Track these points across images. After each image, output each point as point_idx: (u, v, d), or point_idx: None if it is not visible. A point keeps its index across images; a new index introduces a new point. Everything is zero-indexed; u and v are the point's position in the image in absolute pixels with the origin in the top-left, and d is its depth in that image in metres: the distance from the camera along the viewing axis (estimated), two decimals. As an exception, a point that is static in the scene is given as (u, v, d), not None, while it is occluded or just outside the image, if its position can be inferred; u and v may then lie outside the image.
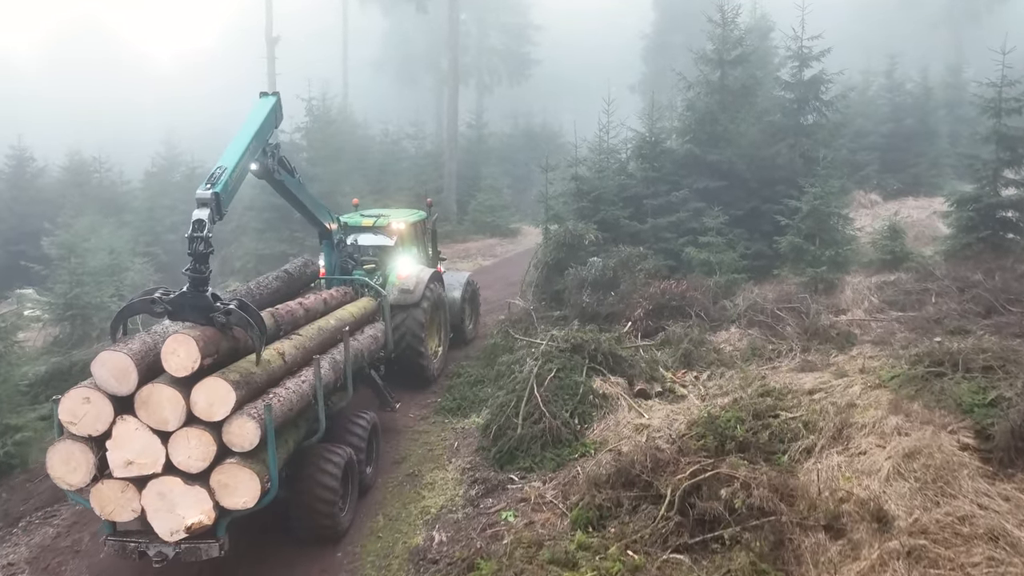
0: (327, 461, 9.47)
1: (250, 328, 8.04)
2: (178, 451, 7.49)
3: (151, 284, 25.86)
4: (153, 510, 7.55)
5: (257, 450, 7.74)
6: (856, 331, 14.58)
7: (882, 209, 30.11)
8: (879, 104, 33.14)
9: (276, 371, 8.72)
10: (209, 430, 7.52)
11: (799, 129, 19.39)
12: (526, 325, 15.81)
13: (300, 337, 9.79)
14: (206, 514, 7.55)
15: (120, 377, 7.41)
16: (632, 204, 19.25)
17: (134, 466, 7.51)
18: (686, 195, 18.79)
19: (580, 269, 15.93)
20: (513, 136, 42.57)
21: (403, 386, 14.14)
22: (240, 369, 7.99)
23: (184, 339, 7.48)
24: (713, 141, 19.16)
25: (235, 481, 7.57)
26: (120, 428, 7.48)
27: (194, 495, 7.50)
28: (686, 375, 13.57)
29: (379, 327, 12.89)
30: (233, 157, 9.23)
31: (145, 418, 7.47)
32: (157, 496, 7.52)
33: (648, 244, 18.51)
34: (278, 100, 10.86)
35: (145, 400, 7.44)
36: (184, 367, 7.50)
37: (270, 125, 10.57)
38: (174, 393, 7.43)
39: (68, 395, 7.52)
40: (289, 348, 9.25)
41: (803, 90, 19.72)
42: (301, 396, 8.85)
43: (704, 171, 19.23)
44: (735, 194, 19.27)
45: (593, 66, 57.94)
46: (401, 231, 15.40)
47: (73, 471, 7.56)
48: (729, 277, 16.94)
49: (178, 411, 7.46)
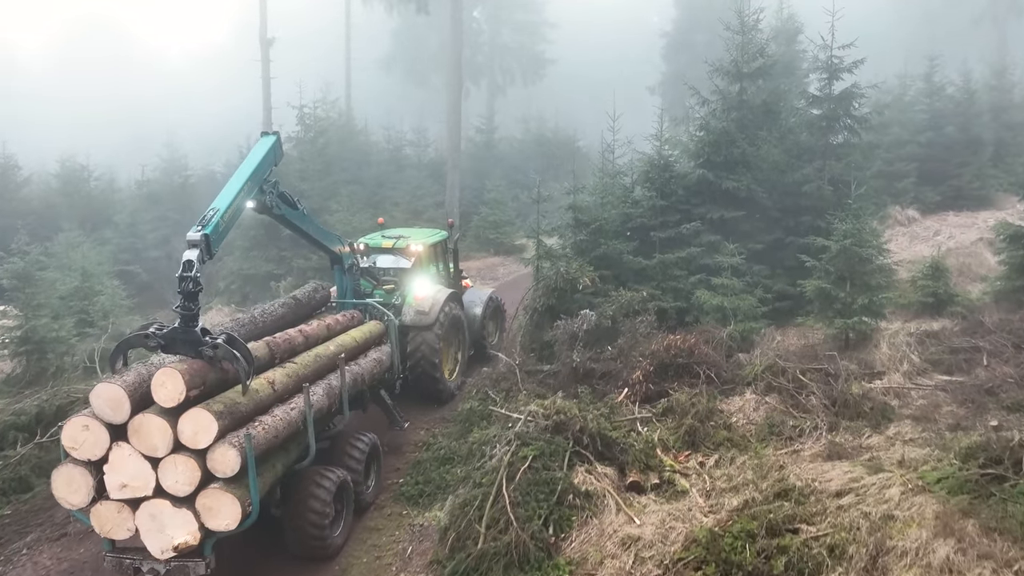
0: (319, 484, 9.96)
1: (236, 361, 8.58)
2: (167, 476, 8.11)
3: (120, 310, 24.12)
4: (145, 530, 8.21)
5: (239, 476, 8.30)
6: (894, 402, 12.35)
7: (920, 227, 27.67)
8: (917, 111, 30.56)
9: (264, 400, 9.29)
10: (194, 457, 8.12)
11: (828, 150, 17.08)
12: (509, 385, 13.73)
13: (294, 365, 10.35)
14: (192, 535, 8.14)
15: (115, 407, 8.07)
16: (638, 236, 17.06)
17: (128, 489, 8.18)
18: (698, 227, 16.55)
19: (571, 322, 13.78)
20: (524, 142, 40.29)
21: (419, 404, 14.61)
22: (225, 400, 8.56)
23: (171, 372, 8.10)
24: (729, 165, 16.91)
25: (218, 504, 8.16)
26: (116, 453, 8.14)
27: (181, 517, 8.12)
28: (690, 458, 11.43)
29: (385, 350, 13.25)
30: (226, 199, 9.67)
31: (137, 445, 8.11)
32: (149, 517, 8.17)
33: (655, 282, 16.33)
34: (278, 139, 11.42)
35: (137, 428, 8.09)
36: (172, 398, 8.10)
37: (268, 164, 10.98)
38: (162, 422, 8.06)
39: (70, 422, 8.19)
40: (281, 376, 9.83)
41: (832, 105, 17.38)
42: (288, 423, 9.40)
43: (719, 199, 16.99)
44: (754, 225, 17.04)
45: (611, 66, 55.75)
46: (419, 253, 15.73)
47: (75, 492, 8.25)
48: (746, 326, 14.74)
49: (166, 439, 8.08)
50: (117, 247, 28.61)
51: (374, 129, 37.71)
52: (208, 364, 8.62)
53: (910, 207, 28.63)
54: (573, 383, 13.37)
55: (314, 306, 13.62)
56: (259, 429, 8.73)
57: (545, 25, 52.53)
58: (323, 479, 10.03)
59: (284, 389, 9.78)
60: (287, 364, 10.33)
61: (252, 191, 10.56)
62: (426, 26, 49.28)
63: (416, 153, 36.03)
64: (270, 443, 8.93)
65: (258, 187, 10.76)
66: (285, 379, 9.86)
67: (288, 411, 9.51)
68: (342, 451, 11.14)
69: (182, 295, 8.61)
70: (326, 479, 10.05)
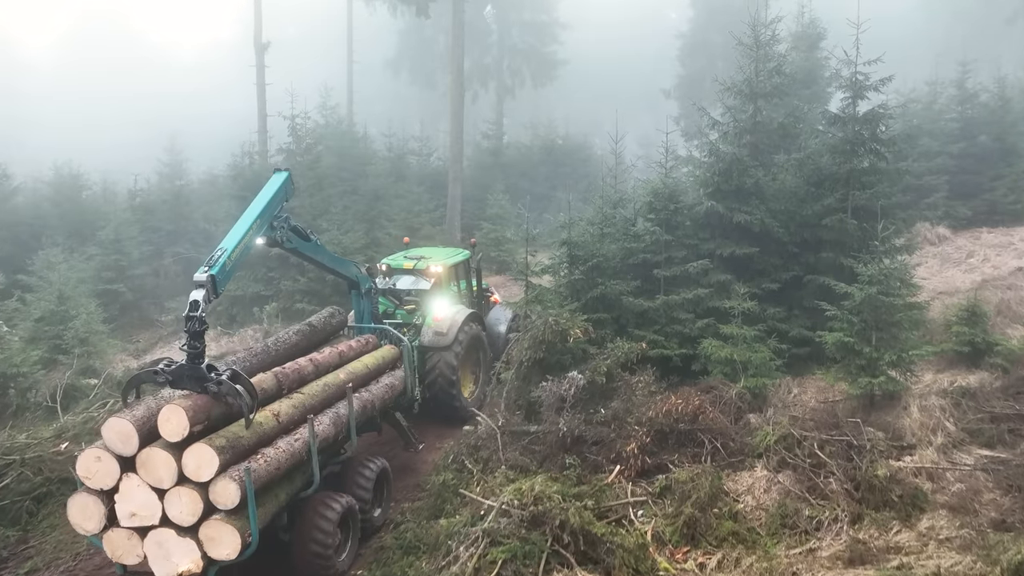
0: (325, 511, 10.28)
1: (238, 397, 8.98)
2: (172, 506, 8.56)
3: (97, 336, 22.78)
4: (153, 556, 8.65)
5: (240, 508, 8.67)
6: (926, 485, 10.70)
7: (952, 246, 25.77)
8: (948, 119, 28.59)
9: (268, 432, 9.65)
10: (197, 489, 8.53)
11: (851, 177, 15.34)
12: (489, 453, 12.19)
13: (301, 396, 10.66)
14: (195, 563, 8.55)
15: (124, 440, 8.57)
16: (639, 274, 15.43)
17: (137, 517, 8.67)
18: (707, 265, 14.91)
19: (557, 384, 12.21)
20: (532, 148, 38.57)
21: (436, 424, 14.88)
22: (228, 434, 8.96)
23: (176, 409, 8.52)
24: (742, 196, 15.25)
25: (220, 535, 8.57)
26: (125, 484, 8.62)
27: (185, 545, 8.55)
28: (688, 556, 9.86)
29: (398, 375, 13.43)
30: (234, 238, 9.97)
31: (145, 476, 8.56)
32: (156, 544, 8.63)
33: (659, 326, 14.74)
34: (289, 176, 11.77)
35: (144, 461, 8.54)
36: (176, 433, 8.52)
37: (278, 201, 11.29)
38: (167, 456, 8.50)
39: (84, 454, 8.73)
40: (287, 408, 10.19)
41: (857, 127, 15.63)
42: (292, 455, 9.74)
43: (730, 234, 15.36)
44: (769, 262, 15.38)
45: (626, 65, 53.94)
46: (439, 274, 16.10)
47: (88, 519, 8.76)
48: (758, 381, 13.13)
49: (171, 471, 8.51)
50: (100, 264, 27.20)
51: (376, 136, 36.15)
52: (213, 399, 9.03)
53: (940, 224, 26.79)
54: (560, 451, 11.83)
55: (330, 332, 13.95)
56: (260, 462, 9.13)
57: (556, 25, 50.51)
58: (328, 507, 10.35)
59: (289, 420, 10.16)
60: (294, 395, 10.66)
61: (261, 228, 10.88)
62: (434, 26, 47.70)
63: (419, 162, 34.40)
64: (272, 475, 9.32)
65: (268, 224, 11.08)
66: (291, 410, 10.26)
67: (292, 442, 9.87)
68: (351, 477, 11.51)
69: (188, 334, 9.02)
70: (331, 508, 10.36)
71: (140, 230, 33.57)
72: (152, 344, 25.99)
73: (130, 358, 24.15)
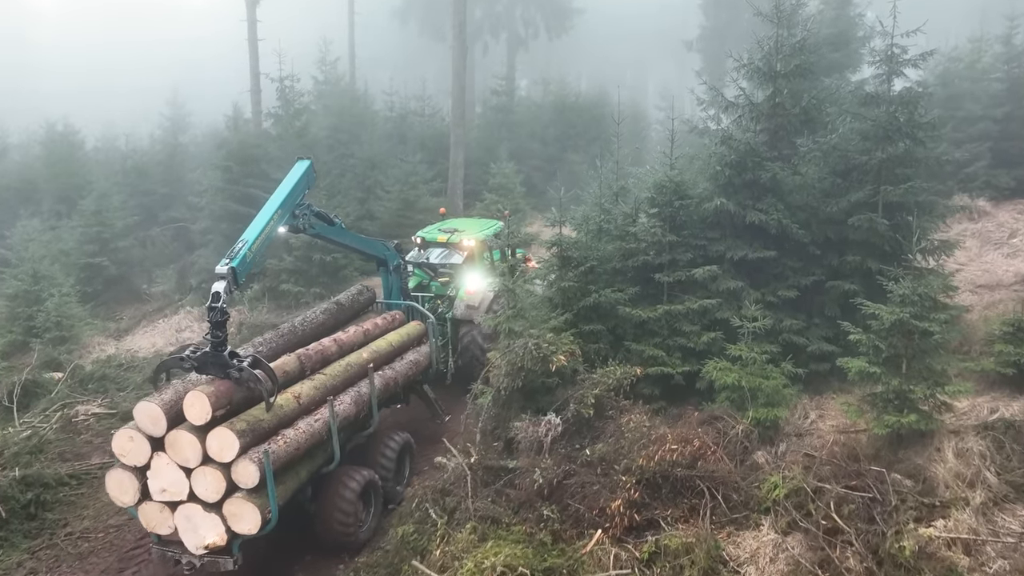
0: (346, 484, 10.90)
1: (259, 383, 9.59)
2: (198, 484, 9.30)
3: (73, 320, 21.48)
4: (182, 529, 9.44)
5: (260, 487, 9.32)
6: (962, 559, 9.09)
7: (992, 223, 23.63)
8: (992, 79, 26.14)
9: (289, 414, 10.21)
10: (220, 469, 9.23)
11: (883, 168, 13.43)
12: (457, 501, 10.69)
13: (323, 377, 11.15)
14: (220, 536, 9.32)
15: (153, 422, 9.26)
16: (639, 278, 13.71)
17: (167, 493, 9.43)
18: (715, 272, 13.16)
19: (534, 424, 10.65)
20: (543, 107, 36.35)
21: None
22: (249, 418, 9.61)
23: (199, 396, 9.20)
24: (757, 191, 13.41)
25: (242, 512, 9.27)
26: (156, 462, 9.37)
27: (211, 520, 9.32)
28: (677, 649, 8.39)
29: (423, 351, 13.95)
30: (255, 230, 10.51)
31: (173, 456, 9.28)
32: (184, 518, 9.42)
33: (660, 338, 13.08)
34: (310, 165, 12.00)
35: (172, 442, 9.26)
36: (200, 417, 9.20)
37: (300, 190, 11.68)
38: (193, 438, 9.19)
39: (118, 434, 9.47)
40: (308, 389, 10.73)
41: (892, 108, 13.64)
42: (312, 435, 10.28)
43: (743, 234, 13.55)
44: (787, 265, 13.58)
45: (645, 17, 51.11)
46: (471, 248, 16.43)
47: (124, 493, 9.56)
48: (770, 413, 11.50)
49: (196, 452, 9.22)
50: (83, 236, 25.82)
51: (377, 95, 34.13)
52: (235, 385, 9.62)
53: (980, 196, 24.66)
54: (538, 500, 10.32)
55: (358, 309, 14.27)
56: (280, 443, 9.74)
57: (572, -31, 47.80)
58: (350, 481, 11.00)
59: (311, 401, 10.71)
60: (317, 376, 11.20)
61: (283, 218, 11.31)
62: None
63: (422, 123, 32.37)
64: (291, 455, 9.92)
65: (290, 213, 11.49)
66: (312, 391, 10.82)
67: (312, 423, 10.42)
68: (374, 451, 12.14)
69: (211, 324, 9.51)
70: (352, 482, 11.01)
71: (131, 194, 32.27)
72: (135, 323, 24.72)
73: (110, 340, 22.91)
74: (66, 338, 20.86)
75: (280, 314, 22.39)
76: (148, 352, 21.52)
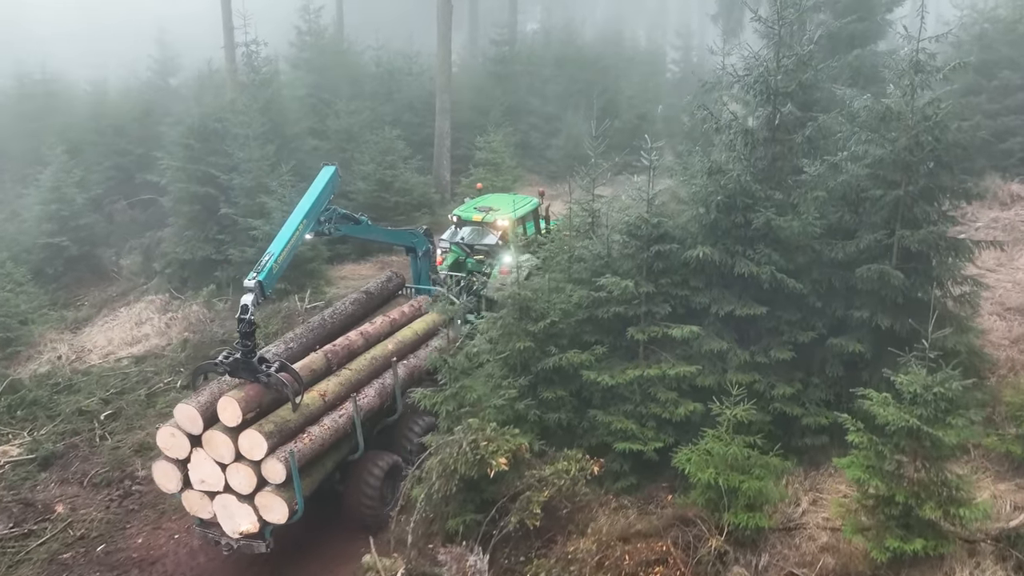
0: (372, 469, 11.69)
1: (284, 387, 10.41)
2: (232, 478, 10.30)
3: (10, 319, 19.93)
4: (220, 515, 10.53)
5: (287, 482, 10.21)
6: None
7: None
8: (1033, 45, 23.47)
9: (314, 412, 11.09)
10: (251, 466, 10.18)
11: (900, 205, 11.34)
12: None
13: (348, 372, 11.98)
14: (252, 524, 10.36)
15: (191, 422, 10.27)
16: (611, 330, 11.85)
17: (205, 483, 10.48)
18: (696, 333, 11.25)
19: (460, 558, 8.95)
20: (544, 59, 33.65)
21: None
22: (277, 419, 10.51)
23: (230, 401, 10.12)
24: (748, 238, 11.41)
25: (271, 504, 10.25)
26: (195, 456, 10.42)
27: (244, 510, 10.35)
28: None
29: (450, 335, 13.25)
30: (281, 241, 11.26)
31: (209, 452, 10.32)
32: (222, 506, 10.48)
33: (632, 406, 11.32)
34: (335, 171, 12.86)
35: (208, 440, 10.28)
36: (232, 420, 10.14)
37: (325, 197, 12.46)
38: (226, 438, 10.18)
39: (161, 429, 10.51)
40: (333, 386, 11.58)
41: (914, 126, 11.43)
42: (336, 431, 11.18)
43: (732, 284, 11.60)
44: (782, 319, 11.65)
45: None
46: (504, 228, 16.63)
47: (169, 481, 10.69)
48: (752, 519, 9.77)
49: (230, 451, 10.20)
50: (42, 213, 24.10)
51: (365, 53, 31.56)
52: (264, 388, 10.42)
53: (1015, 179, 22.33)
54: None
55: (387, 296, 14.76)
56: (305, 441, 10.54)
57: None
58: (375, 464, 11.71)
59: (336, 397, 11.46)
60: (343, 371, 11.93)
61: (309, 226, 11.99)
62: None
63: (411, 82, 29.85)
64: (316, 452, 10.76)
65: (315, 220, 12.17)
66: (338, 387, 11.58)
67: (336, 419, 11.22)
68: (398, 435, 12.61)
69: (240, 334, 10.24)
70: (377, 467, 11.70)
71: (106, 154, 30.44)
72: (96, 311, 23.13)
73: (64, 336, 21.41)
74: (11, 340, 19.39)
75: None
76: (101, 352, 20.07)
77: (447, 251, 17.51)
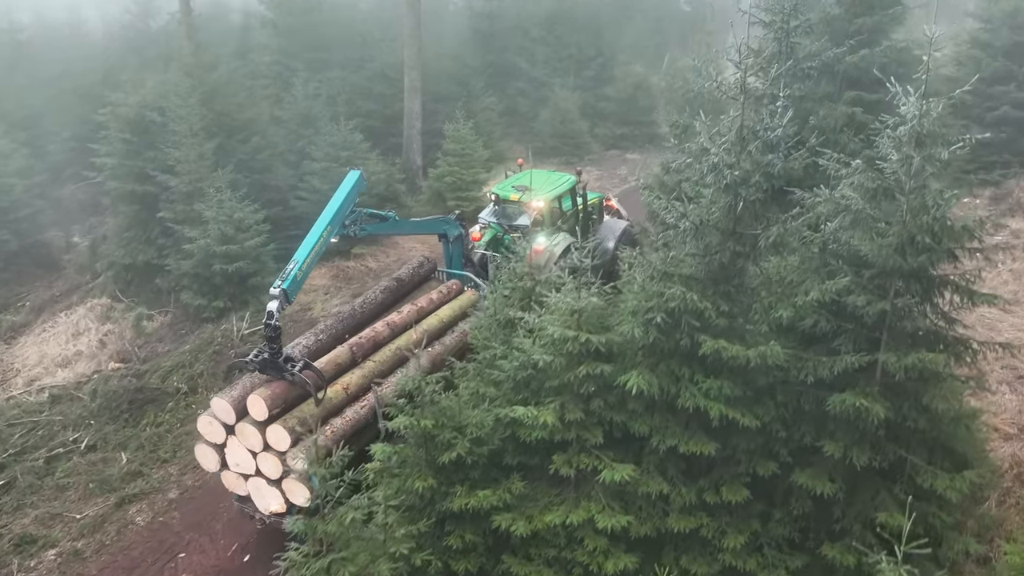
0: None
1: (307, 385, 11.17)
2: (262, 464, 11.25)
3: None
4: (253, 495, 11.59)
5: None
6: None
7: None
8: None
9: (337, 404, 11.85)
10: (278, 456, 11.08)
11: (887, 321, 9.27)
12: None
13: (372, 363, 12.59)
14: (281, 506, 11.36)
15: (225, 413, 11.23)
16: (533, 458, 10.05)
17: (239, 467, 11.50)
18: (631, 475, 9.39)
19: None
20: (534, 16, 30.67)
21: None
22: (300, 414, 11.27)
23: (258, 399, 10.99)
24: (696, 359, 9.41)
25: (296, 489, 11.04)
26: (230, 443, 11.43)
27: (273, 493, 11.31)
28: None
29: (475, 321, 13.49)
30: (306, 249, 11.75)
31: (242, 441, 11.26)
32: (254, 487, 11.52)
33: (554, 552, 9.60)
34: (360, 176, 13.35)
35: (240, 431, 11.21)
36: (260, 415, 11.04)
37: (350, 202, 12.95)
38: (254, 431, 11.08)
39: (202, 416, 11.49)
40: (356, 379, 12.27)
41: (908, 218, 9.24)
42: (357, 421, 11.84)
43: (677, 414, 9.67)
44: (739, 447, 9.76)
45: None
46: (540, 209, 16.83)
47: (208, 462, 11.77)
48: None
49: (259, 441, 11.12)
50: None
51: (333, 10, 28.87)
52: (289, 385, 11.33)
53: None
54: None
55: (420, 279, 15.19)
56: (327, 433, 11.11)
57: None
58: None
59: (359, 390, 12.20)
60: (367, 363, 12.54)
61: (334, 231, 12.49)
62: None
63: (383, 47, 27.11)
64: (336, 443, 10.78)
65: (339, 225, 12.68)
66: (361, 380, 12.27)
67: (358, 410, 11.97)
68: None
69: (266, 338, 11.21)
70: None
71: (67, 123, 28.56)
72: (36, 314, 21.58)
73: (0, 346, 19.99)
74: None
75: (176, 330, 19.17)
76: (28, 375, 18.62)
77: (485, 227, 17.66)
